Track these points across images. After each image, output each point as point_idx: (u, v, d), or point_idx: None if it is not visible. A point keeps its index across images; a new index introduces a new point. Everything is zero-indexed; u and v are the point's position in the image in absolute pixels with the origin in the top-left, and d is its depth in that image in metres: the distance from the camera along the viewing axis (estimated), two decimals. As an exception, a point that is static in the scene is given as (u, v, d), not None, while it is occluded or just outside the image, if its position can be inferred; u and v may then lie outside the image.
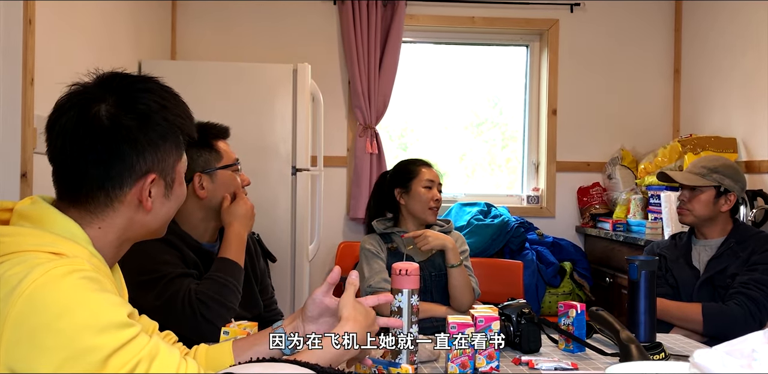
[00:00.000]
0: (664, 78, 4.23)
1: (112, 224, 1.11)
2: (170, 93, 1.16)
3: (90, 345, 0.93)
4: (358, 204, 3.93)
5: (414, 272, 1.48)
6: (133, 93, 1.10)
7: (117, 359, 0.95)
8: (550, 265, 3.69)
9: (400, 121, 4.37)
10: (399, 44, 3.96)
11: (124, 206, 1.11)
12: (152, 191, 1.12)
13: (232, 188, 1.95)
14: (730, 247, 2.34)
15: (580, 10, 4.17)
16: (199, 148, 1.92)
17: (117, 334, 0.96)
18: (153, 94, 1.12)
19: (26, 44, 2.10)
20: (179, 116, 1.15)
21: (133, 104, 1.09)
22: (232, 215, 1.91)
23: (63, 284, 0.95)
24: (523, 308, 1.77)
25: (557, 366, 1.56)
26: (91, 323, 0.94)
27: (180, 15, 3.96)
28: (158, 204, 1.15)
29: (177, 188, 1.18)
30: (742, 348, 0.69)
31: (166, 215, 1.18)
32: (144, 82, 1.14)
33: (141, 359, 0.97)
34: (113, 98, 1.08)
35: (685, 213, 2.43)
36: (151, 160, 1.11)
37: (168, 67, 3.30)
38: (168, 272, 1.74)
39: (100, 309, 0.96)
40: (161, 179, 1.13)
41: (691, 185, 2.40)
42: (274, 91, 3.21)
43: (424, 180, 2.48)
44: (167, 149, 1.13)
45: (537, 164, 4.29)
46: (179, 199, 1.20)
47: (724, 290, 2.29)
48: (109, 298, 1.00)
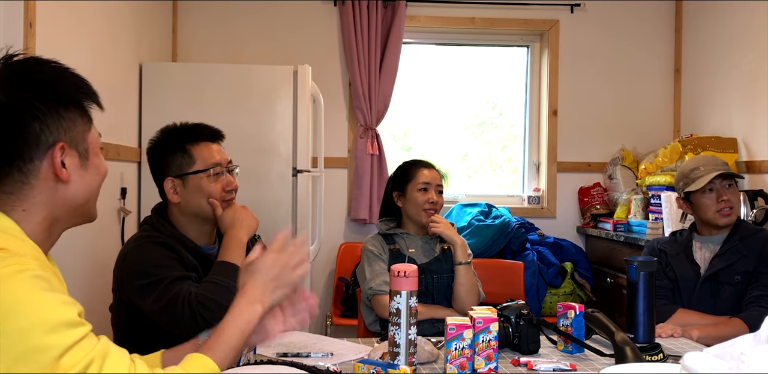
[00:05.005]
0: (664, 78, 4.23)
1: (35, 204, 1.11)
2: (62, 65, 1.16)
3: (40, 344, 0.93)
4: (358, 205, 3.94)
5: (413, 274, 1.49)
6: (24, 69, 1.11)
7: (69, 358, 0.95)
8: (551, 265, 3.70)
9: (403, 122, 4.37)
10: (399, 45, 3.97)
11: (41, 181, 1.11)
12: (66, 161, 1.12)
13: (206, 194, 1.89)
14: (735, 244, 2.32)
15: (581, 11, 4.17)
16: (173, 152, 1.90)
17: (67, 333, 0.96)
18: (45, 66, 1.13)
19: (27, 47, 2.11)
20: (76, 85, 1.15)
21: (27, 77, 1.10)
22: (226, 222, 1.89)
23: (11, 283, 0.96)
24: (521, 309, 1.77)
25: (556, 367, 1.57)
26: (40, 322, 0.94)
27: (181, 17, 3.97)
28: (76, 176, 1.14)
29: (94, 159, 1.18)
30: (731, 350, 0.69)
31: (87, 189, 1.17)
32: (33, 59, 1.15)
33: (93, 358, 0.98)
34: (5, 78, 1.09)
35: (732, 213, 2.33)
36: (56, 128, 1.11)
37: (169, 69, 3.31)
38: (167, 276, 1.75)
39: (49, 308, 0.96)
40: (73, 148, 1.13)
41: (727, 181, 2.34)
42: (274, 93, 3.22)
43: (419, 183, 2.47)
44: (71, 118, 1.13)
45: (538, 164, 4.29)
46: (99, 171, 1.19)
47: (732, 286, 2.27)
48: (59, 297, 1.00)
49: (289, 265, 1.30)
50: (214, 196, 1.90)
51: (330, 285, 3.97)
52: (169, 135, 1.94)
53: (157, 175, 1.94)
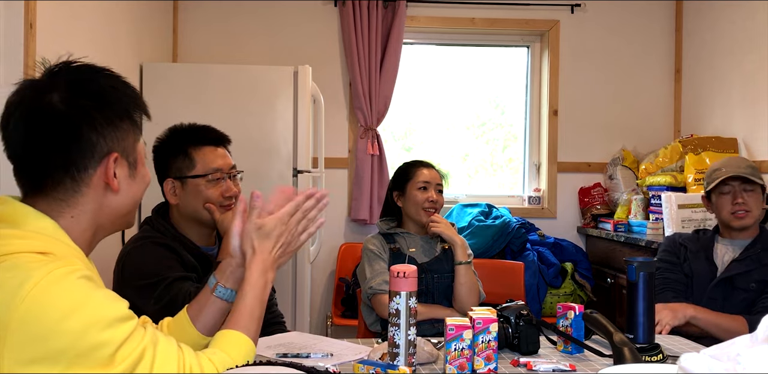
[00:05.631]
0: (664, 78, 4.23)
1: (84, 211, 1.12)
2: (117, 75, 1.18)
3: (99, 340, 0.98)
4: (359, 206, 3.94)
5: (412, 274, 1.49)
6: (83, 77, 1.13)
7: (124, 350, 1.00)
8: (551, 266, 3.70)
9: (404, 122, 4.38)
10: (400, 46, 3.97)
11: (92, 190, 1.12)
12: (117, 171, 1.14)
13: (203, 199, 1.89)
14: (757, 253, 2.32)
15: (581, 11, 4.17)
16: (176, 154, 1.90)
17: (121, 327, 1.02)
18: (102, 76, 1.15)
19: (27, 48, 2.11)
20: (130, 95, 1.17)
21: (85, 86, 1.12)
22: (225, 225, 1.88)
23: (64, 285, 0.98)
24: (521, 309, 1.77)
25: (555, 368, 1.57)
26: (97, 320, 0.99)
27: (181, 18, 3.97)
28: (125, 185, 1.16)
29: (141, 169, 1.20)
30: (728, 351, 0.70)
31: (133, 198, 1.19)
32: (90, 67, 1.16)
33: (146, 347, 1.03)
34: (63, 84, 1.10)
35: (747, 215, 2.33)
36: (111, 138, 1.12)
37: (169, 70, 3.32)
38: (167, 276, 1.75)
39: (103, 306, 1.01)
40: (124, 158, 1.15)
41: (746, 185, 2.33)
42: (275, 93, 3.22)
43: (419, 182, 2.48)
44: (125, 128, 1.15)
45: (538, 164, 4.29)
46: (144, 180, 1.22)
47: (745, 292, 2.28)
48: (108, 294, 1.05)
49: (297, 231, 1.35)
50: (212, 201, 1.89)
51: (330, 285, 3.98)
52: (174, 135, 1.95)
53: (159, 174, 1.95)
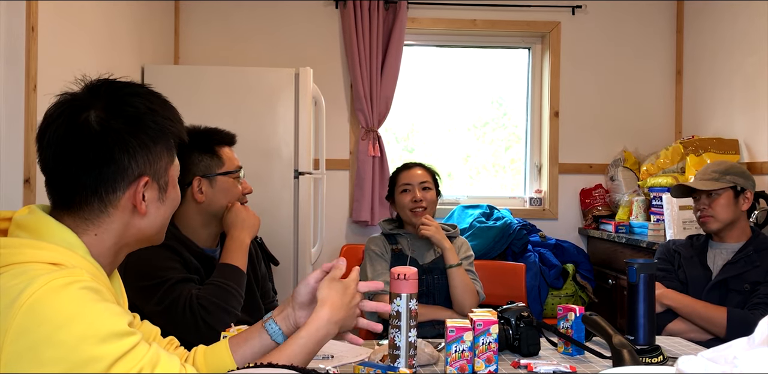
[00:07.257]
0: (666, 80, 4.23)
1: (108, 230, 1.11)
2: (158, 97, 1.16)
3: (92, 355, 0.94)
4: (360, 207, 3.94)
5: (412, 276, 1.49)
6: (121, 98, 1.11)
7: (119, 368, 0.95)
8: (552, 267, 3.70)
9: (406, 123, 4.38)
10: (401, 47, 3.97)
11: (119, 211, 1.11)
12: (146, 194, 1.13)
13: (230, 195, 1.95)
14: (749, 255, 2.36)
15: (582, 13, 4.17)
16: (202, 152, 1.93)
17: (118, 343, 0.96)
18: (141, 98, 1.13)
19: (29, 51, 2.12)
20: (169, 118, 1.15)
21: (122, 108, 1.10)
22: (233, 222, 1.91)
23: (63, 295, 0.96)
24: (521, 311, 1.78)
25: (556, 370, 1.57)
26: (92, 333, 0.94)
27: (183, 20, 3.98)
28: (153, 208, 1.15)
29: (171, 192, 1.18)
30: (726, 354, 0.70)
31: (161, 220, 1.18)
32: (131, 87, 1.14)
33: (143, 367, 0.98)
34: (101, 104, 1.09)
35: (709, 220, 2.42)
36: (143, 162, 1.11)
37: (171, 72, 3.32)
38: (169, 278, 1.76)
39: (100, 319, 0.97)
40: (154, 182, 1.14)
41: (708, 190, 2.40)
42: (276, 95, 3.22)
43: (400, 186, 2.54)
44: (158, 152, 1.13)
45: (539, 166, 4.29)
46: (174, 203, 1.20)
47: (740, 294, 2.31)
48: (109, 308, 1.00)
49: (355, 303, 1.34)
50: (237, 198, 1.97)
51: (332, 286, 3.97)
52: (197, 136, 1.96)
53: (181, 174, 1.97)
